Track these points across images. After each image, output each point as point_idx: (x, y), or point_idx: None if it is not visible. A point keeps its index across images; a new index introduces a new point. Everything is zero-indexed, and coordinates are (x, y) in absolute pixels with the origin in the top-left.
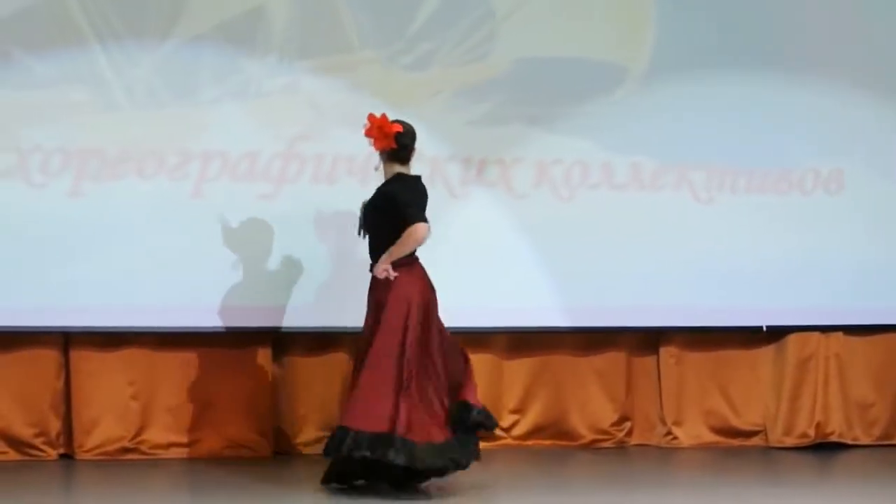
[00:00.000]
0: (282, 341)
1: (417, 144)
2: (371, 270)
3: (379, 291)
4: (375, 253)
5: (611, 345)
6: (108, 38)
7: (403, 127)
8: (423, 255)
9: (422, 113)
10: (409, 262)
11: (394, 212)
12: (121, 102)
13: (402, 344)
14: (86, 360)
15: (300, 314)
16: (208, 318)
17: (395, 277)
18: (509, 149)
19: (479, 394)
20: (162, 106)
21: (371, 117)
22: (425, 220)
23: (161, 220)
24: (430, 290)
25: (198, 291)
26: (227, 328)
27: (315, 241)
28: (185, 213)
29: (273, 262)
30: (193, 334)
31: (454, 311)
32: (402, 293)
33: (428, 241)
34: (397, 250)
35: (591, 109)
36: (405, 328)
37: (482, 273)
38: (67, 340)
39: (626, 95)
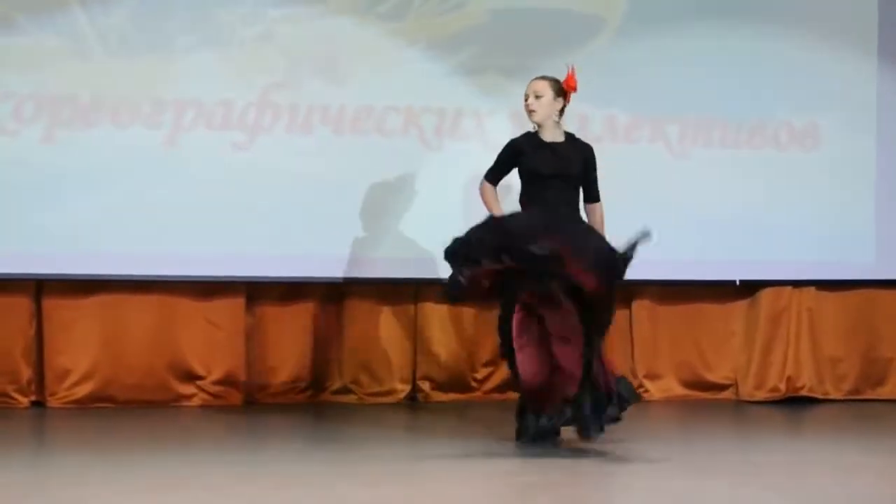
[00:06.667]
0: (254, 291)
1: (393, 96)
2: None
3: None
4: None
5: None
6: None
7: None
8: (397, 206)
9: (397, 63)
10: None
11: None
12: (94, 50)
13: None
14: (57, 308)
15: (271, 264)
16: (180, 266)
17: None
18: (484, 100)
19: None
20: (135, 54)
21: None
22: (487, 179)
23: (135, 168)
24: None
25: (170, 239)
26: (199, 277)
27: (289, 190)
28: (158, 162)
29: (247, 211)
30: (164, 282)
31: (423, 264)
32: None
33: (403, 192)
34: None
35: (567, 61)
36: None
37: (454, 225)
38: (39, 288)
39: (601, 48)
